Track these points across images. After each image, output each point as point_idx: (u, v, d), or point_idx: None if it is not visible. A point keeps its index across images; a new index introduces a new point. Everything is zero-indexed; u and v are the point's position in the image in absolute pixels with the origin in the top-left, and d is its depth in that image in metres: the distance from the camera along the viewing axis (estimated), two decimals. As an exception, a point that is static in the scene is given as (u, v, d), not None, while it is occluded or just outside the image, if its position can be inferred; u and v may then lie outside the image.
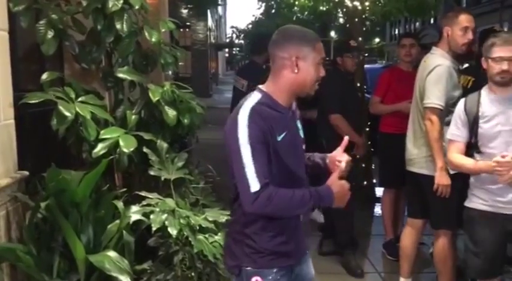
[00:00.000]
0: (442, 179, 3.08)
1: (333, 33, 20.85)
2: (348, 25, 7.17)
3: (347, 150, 2.02)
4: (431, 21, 30.86)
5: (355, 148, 4.11)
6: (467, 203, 2.84)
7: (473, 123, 2.71)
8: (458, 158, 2.78)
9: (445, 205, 3.16)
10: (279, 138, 1.80)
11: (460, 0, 25.81)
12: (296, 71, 1.84)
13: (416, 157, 3.33)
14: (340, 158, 1.97)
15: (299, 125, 2.00)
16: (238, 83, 5.14)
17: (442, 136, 3.08)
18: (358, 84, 5.56)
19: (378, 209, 5.42)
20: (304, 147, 2.02)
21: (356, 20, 6.54)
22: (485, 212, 2.72)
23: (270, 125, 1.78)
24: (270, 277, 1.87)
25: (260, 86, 1.92)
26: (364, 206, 5.29)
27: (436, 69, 3.13)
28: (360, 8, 6.30)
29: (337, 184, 1.85)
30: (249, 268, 1.88)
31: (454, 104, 3.07)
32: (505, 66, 2.61)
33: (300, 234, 1.98)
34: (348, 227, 4.17)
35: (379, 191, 5.28)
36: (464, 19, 3.14)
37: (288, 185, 1.82)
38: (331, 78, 4.15)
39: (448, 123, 3.06)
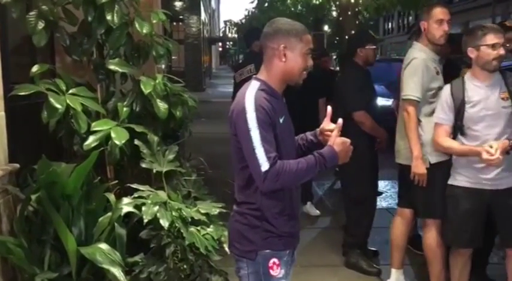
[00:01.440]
0: (417, 168, 3.16)
1: (326, 27, 20.83)
2: (340, 19, 7.20)
3: (371, 146, 2.13)
4: (425, 15, 30.87)
5: (377, 142, 3.99)
6: (451, 181, 3.08)
7: (459, 107, 2.92)
8: (446, 141, 2.99)
9: (429, 195, 3.20)
10: (281, 120, 1.96)
11: (453, -6, 25.84)
12: (284, 60, 1.97)
13: (401, 148, 3.38)
14: (329, 127, 2.07)
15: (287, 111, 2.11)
16: (242, 74, 4.92)
17: (418, 127, 3.18)
18: None
19: (381, 202, 5.42)
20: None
21: (349, 13, 6.54)
22: (470, 189, 2.98)
23: (274, 108, 1.92)
24: (285, 259, 2.03)
25: (256, 76, 2.04)
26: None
27: (412, 62, 3.23)
28: (352, 1, 6.31)
29: (338, 143, 1.96)
30: (267, 251, 1.99)
31: (434, 95, 3.21)
32: (502, 51, 2.83)
33: None
34: (365, 228, 4.04)
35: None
36: (438, 12, 3.24)
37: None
38: (350, 73, 4.06)
39: (430, 114, 3.16)
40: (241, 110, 1.88)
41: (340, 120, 2.03)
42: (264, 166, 1.84)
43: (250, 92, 1.93)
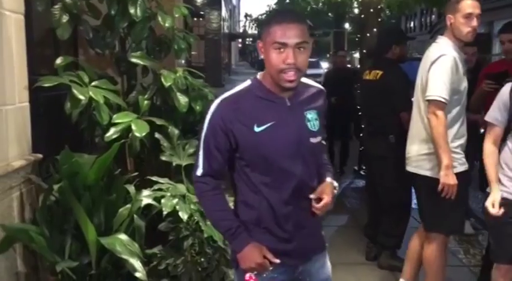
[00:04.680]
0: (448, 179, 2.82)
1: (347, 25, 20.68)
2: (362, 16, 7.14)
3: None
4: (448, 14, 30.44)
5: None
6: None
7: None
8: (489, 153, 2.67)
9: (437, 206, 2.97)
10: (258, 129, 1.71)
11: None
12: (262, 56, 1.75)
13: (413, 154, 3.10)
14: (321, 196, 1.79)
15: (309, 115, 1.80)
16: None
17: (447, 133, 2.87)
18: None
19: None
20: (315, 139, 1.81)
21: (371, 11, 6.47)
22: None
23: (241, 117, 1.71)
24: (268, 276, 1.80)
25: (259, 73, 1.84)
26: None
27: (441, 59, 2.88)
28: (375, -1, 6.24)
29: (252, 251, 1.73)
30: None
31: (459, 101, 2.92)
32: None
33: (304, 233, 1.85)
34: (402, 231, 3.93)
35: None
36: (466, 5, 2.89)
37: (271, 177, 1.75)
38: (396, 72, 3.79)
39: (449, 121, 2.88)
40: (208, 108, 1.79)
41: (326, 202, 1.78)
42: (198, 170, 1.80)
43: (223, 95, 1.77)
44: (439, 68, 2.86)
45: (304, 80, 1.84)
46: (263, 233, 1.79)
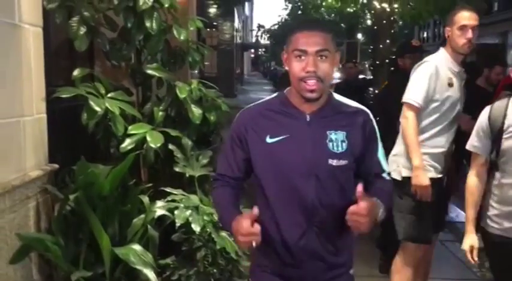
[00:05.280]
0: (418, 179, 2.79)
1: (359, 35, 20.70)
2: (375, 27, 7.15)
3: None
4: (461, 24, 30.33)
5: None
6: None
7: (496, 136, 2.34)
8: (471, 186, 2.46)
9: (400, 213, 2.93)
10: (270, 140, 1.68)
11: (492, 3, 25.31)
12: (286, 67, 1.72)
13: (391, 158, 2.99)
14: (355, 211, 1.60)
15: (333, 136, 1.69)
16: None
17: (417, 135, 2.85)
18: None
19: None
20: (338, 162, 1.68)
21: (384, 22, 6.47)
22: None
23: (255, 126, 1.71)
24: None
25: (287, 88, 1.79)
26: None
27: (422, 65, 2.94)
28: (388, 9, 6.24)
29: (238, 223, 1.59)
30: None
31: (437, 110, 2.88)
32: None
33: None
34: None
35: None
36: (461, 17, 2.86)
37: (282, 194, 1.69)
38: (393, 83, 3.83)
39: (429, 129, 2.87)
40: None
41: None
42: (218, 170, 1.83)
43: (248, 106, 1.83)
44: (418, 73, 2.92)
45: (340, 98, 1.78)
46: (270, 253, 1.73)
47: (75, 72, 3.02)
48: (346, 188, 1.71)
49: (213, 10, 20.52)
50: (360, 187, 1.58)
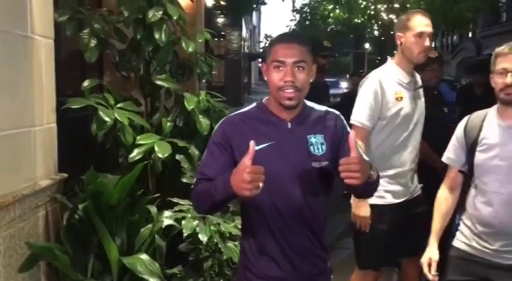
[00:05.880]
0: (358, 210, 2.68)
1: (367, 45, 20.75)
2: (382, 38, 7.18)
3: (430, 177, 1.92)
4: (469, 35, 30.37)
5: (437, 172, 3.54)
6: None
7: (470, 148, 2.25)
8: (439, 199, 2.40)
9: (354, 235, 2.84)
10: (256, 147, 1.64)
11: (500, 14, 25.31)
12: (265, 77, 1.79)
13: None
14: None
15: (313, 139, 1.79)
16: None
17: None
18: None
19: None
20: (319, 164, 1.78)
21: (391, 33, 6.51)
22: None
23: (240, 134, 1.76)
24: None
25: (265, 98, 1.88)
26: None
27: (365, 82, 2.75)
28: (395, 21, 6.29)
29: (237, 169, 1.58)
30: None
31: (386, 127, 2.70)
32: (509, 79, 2.13)
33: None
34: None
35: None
36: (418, 23, 2.66)
37: (271, 198, 1.75)
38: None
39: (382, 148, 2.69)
40: None
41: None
42: (197, 176, 1.81)
43: (230, 114, 1.88)
44: (362, 91, 2.73)
45: (310, 104, 1.88)
46: (267, 260, 1.79)
47: (85, 83, 3.07)
48: (329, 188, 1.85)
49: (220, 20, 20.68)
50: (351, 135, 1.64)
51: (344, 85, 23.48)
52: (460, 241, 2.33)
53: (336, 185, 1.85)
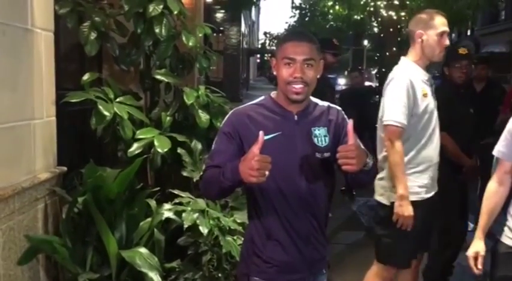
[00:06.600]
0: (401, 209, 2.67)
1: (366, 42, 20.74)
2: (382, 35, 7.18)
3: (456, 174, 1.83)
4: (468, 32, 30.37)
5: (463, 171, 3.53)
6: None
7: None
8: (488, 193, 2.34)
9: (385, 236, 2.85)
10: (265, 136, 1.73)
11: (499, 12, 25.30)
12: (274, 72, 1.90)
13: (376, 181, 2.84)
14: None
15: (317, 132, 1.89)
16: None
17: (403, 160, 2.69)
18: None
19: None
20: (323, 155, 1.88)
21: (391, 30, 6.50)
22: None
23: (250, 124, 1.84)
24: None
25: (273, 92, 1.97)
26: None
27: (394, 82, 2.75)
28: (395, 17, 6.27)
29: (243, 162, 1.66)
30: (256, 278, 1.90)
31: (416, 124, 2.72)
32: None
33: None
34: (443, 262, 3.74)
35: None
36: (441, 23, 2.73)
37: (279, 186, 1.83)
38: (437, 91, 3.40)
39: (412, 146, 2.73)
40: None
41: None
42: (207, 163, 1.89)
43: (239, 106, 1.95)
44: (393, 91, 2.73)
45: (314, 99, 1.97)
46: (274, 245, 1.87)
47: (85, 77, 3.07)
48: (330, 177, 1.94)
49: (219, 15, 20.64)
50: (350, 125, 1.77)
51: (342, 82, 23.50)
52: (508, 237, 2.28)
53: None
